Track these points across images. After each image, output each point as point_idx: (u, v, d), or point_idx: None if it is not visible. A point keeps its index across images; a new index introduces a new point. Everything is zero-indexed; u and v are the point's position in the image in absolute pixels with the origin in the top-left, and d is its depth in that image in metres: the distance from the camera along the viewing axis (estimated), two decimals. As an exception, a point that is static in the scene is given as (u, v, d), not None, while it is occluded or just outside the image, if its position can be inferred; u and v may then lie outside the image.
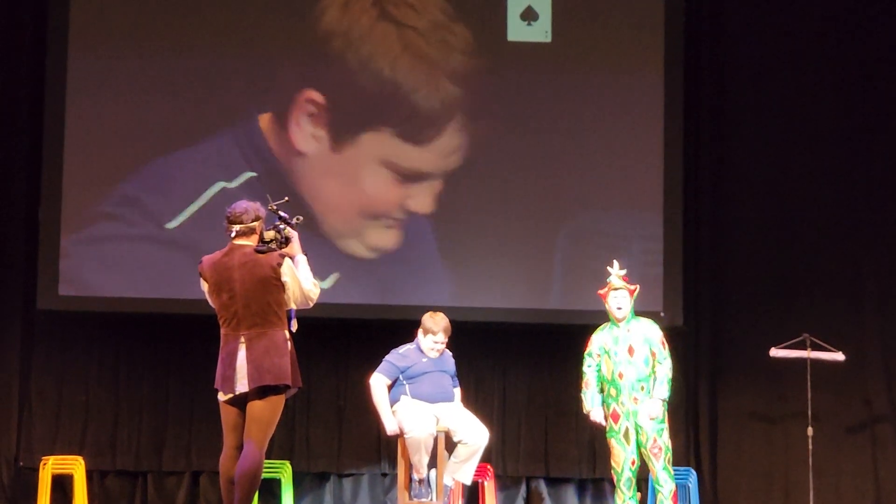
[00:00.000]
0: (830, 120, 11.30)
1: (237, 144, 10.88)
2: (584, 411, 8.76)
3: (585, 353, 8.76)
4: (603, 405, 8.65)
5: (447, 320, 8.85)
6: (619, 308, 8.59)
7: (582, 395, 8.75)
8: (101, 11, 10.92)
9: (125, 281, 10.75)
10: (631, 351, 8.47)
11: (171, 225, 10.72)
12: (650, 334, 8.53)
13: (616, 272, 8.68)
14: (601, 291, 8.75)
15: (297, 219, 6.95)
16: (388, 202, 10.96)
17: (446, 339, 8.85)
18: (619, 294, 8.60)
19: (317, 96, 10.97)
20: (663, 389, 8.42)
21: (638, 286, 8.77)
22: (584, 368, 8.72)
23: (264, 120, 10.92)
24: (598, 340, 8.67)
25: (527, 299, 10.94)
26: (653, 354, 8.49)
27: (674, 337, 9.76)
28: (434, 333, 8.78)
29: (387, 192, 10.97)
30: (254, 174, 10.79)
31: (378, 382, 8.74)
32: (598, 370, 8.66)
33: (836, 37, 11.30)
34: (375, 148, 10.95)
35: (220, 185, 10.77)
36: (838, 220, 11.27)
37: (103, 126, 10.86)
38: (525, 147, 11.06)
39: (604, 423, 8.64)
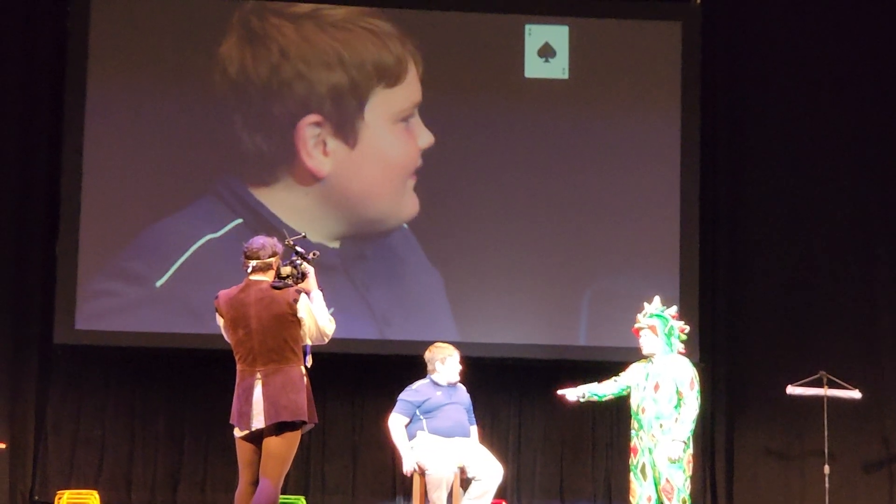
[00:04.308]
0: (848, 166, 11.33)
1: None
2: None
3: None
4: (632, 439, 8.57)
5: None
6: (643, 347, 8.55)
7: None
8: (123, 55, 11.03)
9: (141, 316, 10.79)
10: (657, 387, 8.37)
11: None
12: (679, 374, 8.36)
13: (647, 309, 8.58)
14: (634, 328, 8.68)
15: (314, 254, 6.95)
16: (412, 151, 11.07)
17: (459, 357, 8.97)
18: (642, 333, 8.54)
19: (314, 117, 11.01)
20: (681, 431, 8.25)
21: (658, 323, 8.57)
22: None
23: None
24: (632, 372, 8.61)
25: (543, 336, 10.96)
26: (680, 394, 8.39)
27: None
28: (451, 355, 8.89)
29: (408, 143, 11.07)
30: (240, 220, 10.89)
31: (396, 422, 8.78)
32: (619, 394, 8.63)
33: (858, 79, 11.32)
34: (380, 112, 11.03)
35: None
36: (855, 259, 11.27)
37: (121, 160, 10.94)
38: (540, 188, 11.12)
39: (567, 397, 8.61)
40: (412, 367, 9.39)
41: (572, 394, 8.65)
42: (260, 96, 11.01)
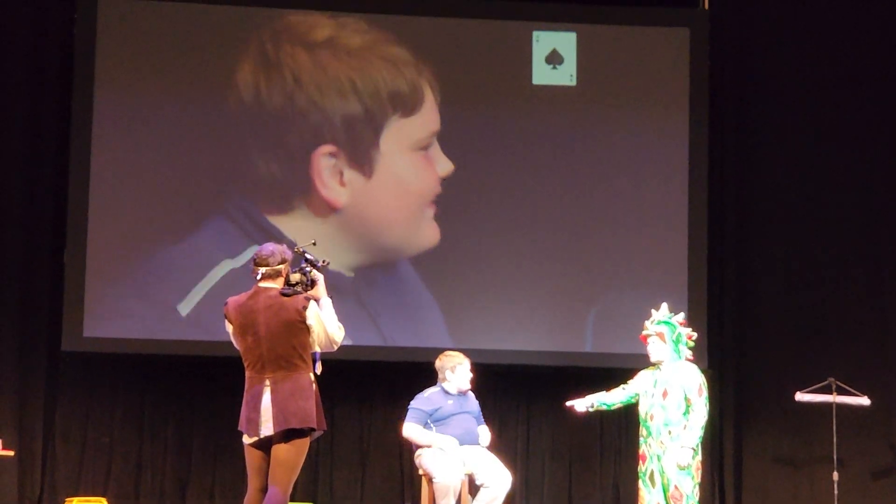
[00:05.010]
0: (857, 173, 11.32)
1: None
2: None
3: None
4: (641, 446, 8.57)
5: None
6: (650, 354, 8.54)
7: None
8: (131, 69, 11.02)
9: (148, 322, 10.79)
10: (665, 394, 8.36)
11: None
12: (687, 381, 8.35)
13: (655, 316, 8.57)
14: (642, 335, 8.67)
15: (324, 261, 6.94)
16: (431, 180, 11.02)
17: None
18: (650, 340, 8.54)
19: (328, 148, 10.98)
20: (690, 437, 8.25)
21: (665, 330, 8.55)
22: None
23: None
24: (641, 379, 8.60)
25: (551, 343, 10.96)
26: (688, 401, 8.37)
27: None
28: (461, 363, 8.90)
29: (426, 172, 11.03)
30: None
31: (413, 429, 8.81)
32: (627, 402, 8.63)
33: (868, 85, 11.31)
34: (397, 141, 10.99)
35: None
36: (863, 266, 11.26)
37: (129, 168, 10.95)
38: (548, 197, 11.13)
39: (576, 408, 8.61)
40: (421, 373, 9.39)
41: (581, 405, 8.65)
42: (274, 123, 10.96)
